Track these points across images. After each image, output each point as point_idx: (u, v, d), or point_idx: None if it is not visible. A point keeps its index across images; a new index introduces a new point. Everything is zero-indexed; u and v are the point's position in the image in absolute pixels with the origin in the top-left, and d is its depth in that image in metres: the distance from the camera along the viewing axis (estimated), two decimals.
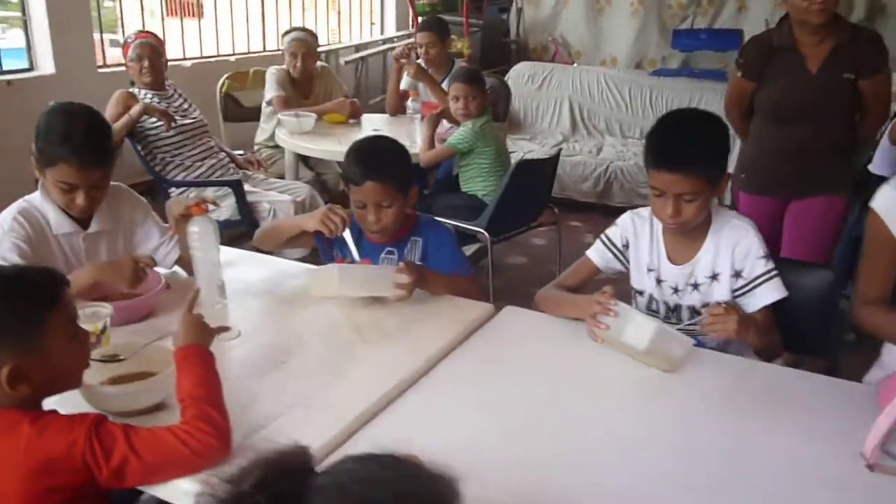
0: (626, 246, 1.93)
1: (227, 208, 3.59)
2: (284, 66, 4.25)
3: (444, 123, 3.78)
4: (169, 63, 3.82)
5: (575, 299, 1.84)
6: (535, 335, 1.82)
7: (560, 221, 4.00)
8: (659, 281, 1.88)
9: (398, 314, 1.85)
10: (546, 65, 6.32)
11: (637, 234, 1.91)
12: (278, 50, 5.50)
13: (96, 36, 4.15)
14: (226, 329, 1.55)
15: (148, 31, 3.87)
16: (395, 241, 2.08)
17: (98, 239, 1.91)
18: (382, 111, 4.75)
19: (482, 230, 3.47)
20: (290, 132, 3.86)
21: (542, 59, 6.86)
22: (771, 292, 1.77)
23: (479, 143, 3.56)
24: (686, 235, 1.82)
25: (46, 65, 3.95)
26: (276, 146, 4.24)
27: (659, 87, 5.94)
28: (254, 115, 4.57)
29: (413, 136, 3.72)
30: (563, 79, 6.16)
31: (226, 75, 4.53)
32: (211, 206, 1.87)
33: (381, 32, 6.59)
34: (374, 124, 4.22)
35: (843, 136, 2.73)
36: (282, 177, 4.08)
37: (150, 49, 3.68)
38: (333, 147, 3.75)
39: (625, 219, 1.95)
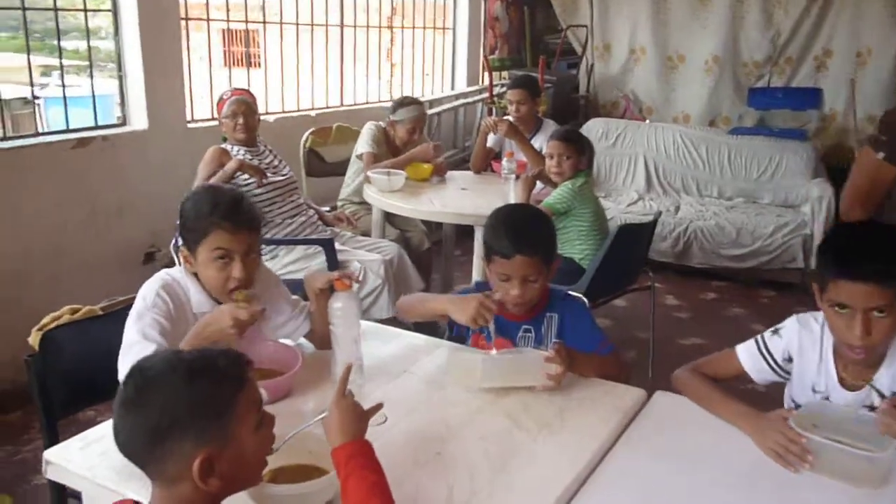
0: (789, 360, 1.76)
1: (316, 267, 3.53)
2: (383, 125, 4.23)
3: (538, 184, 3.71)
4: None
5: (739, 409, 1.67)
6: (697, 423, 1.70)
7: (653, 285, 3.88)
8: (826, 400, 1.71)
9: (551, 401, 1.75)
10: (619, 121, 6.26)
11: (802, 349, 1.74)
12: (355, 104, 5.57)
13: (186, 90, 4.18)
14: (378, 408, 1.45)
15: (243, 89, 3.88)
16: (532, 318, 1.99)
17: None
18: (455, 168, 4.70)
19: (581, 296, 3.35)
20: (379, 190, 3.82)
21: (612, 115, 6.81)
22: None
23: (578, 203, 3.48)
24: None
25: (139, 120, 3.97)
26: (361, 202, 4.20)
27: (736, 145, 5.83)
28: (336, 170, 4.56)
29: (507, 197, 3.64)
30: (637, 136, 6.09)
31: (309, 131, 4.52)
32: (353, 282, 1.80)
33: (452, 88, 6.59)
34: (461, 182, 4.16)
35: None
36: (367, 234, 4.03)
37: (246, 106, 3.69)
38: (425, 207, 3.70)
39: (791, 330, 1.76)
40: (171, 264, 1.93)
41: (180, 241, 1.84)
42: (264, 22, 4.92)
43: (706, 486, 1.48)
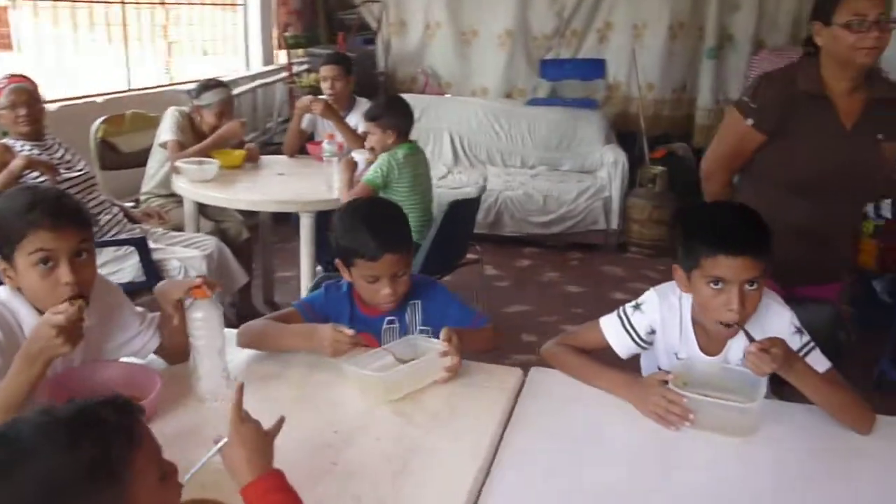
0: (652, 332, 1.82)
1: (129, 269, 3.24)
2: (186, 110, 3.90)
3: (361, 163, 3.61)
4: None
5: (616, 378, 1.72)
6: (578, 397, 1.73)
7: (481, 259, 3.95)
8: None
9: (437, 391, 1.70)
10: (422, 97, 6.29)
11: (664, 321, 1.80)
12: (143, 89, 5.13)
13: None
14: (281, 424, 1.32)
15: (21, 75, 3.42)
16: (394, 309, 1.93)
17: None
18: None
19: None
20: (191, 180, 3.55)
21: (412, 90, 6.81)
22: (815, 366, 1.64)
23: (396, 176, 3.41)
24: None
25: None
26: (170, 194, 3.89)
27: (534, 116, 6.08)
28: (133, 161, 4.18)
29: (329, 180, 3.52)
30: (441, 110, 6.16)
31: (100, 119, 4.11)
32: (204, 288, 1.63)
33: (247, 68, 6.27)
34: (276, 168, 3.97)
35: (859, 213, 2.39)
36: (179, 228, 3.74)
37: (27, 95, 3.26)
38: (244, 195, 3.50)
39: (651, 304, 1.81)
40: None
41: None
42: None
43: (602, 458, 1.51)
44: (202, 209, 3.78)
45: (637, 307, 1.82)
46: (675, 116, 6.54)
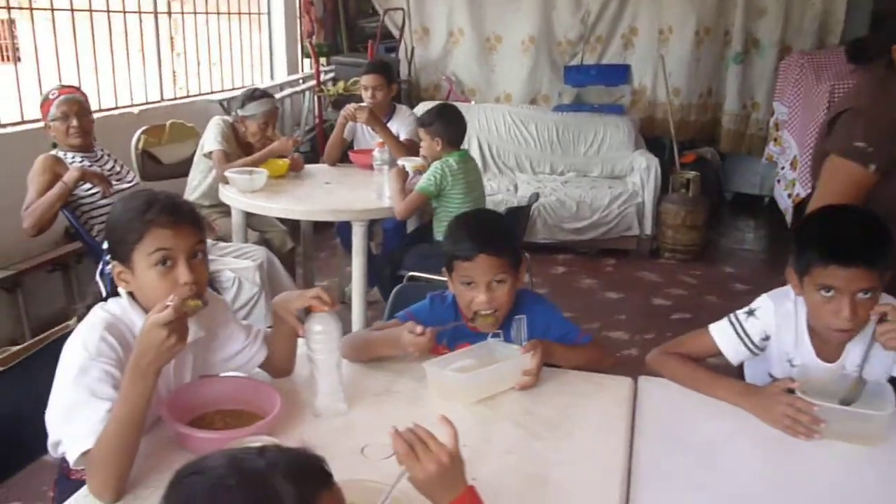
0: (766, 339, 1.77)
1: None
2: (230, 119, 3.87)
3: (409, 172, 3.58)
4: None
5: (734, 387, 1.70)
6: (694, 408, 1.70)
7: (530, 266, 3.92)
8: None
9: (549, 401, 1.67)
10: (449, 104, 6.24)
11: (780, 328, 1.75)
12: (176, 99, 5.10)
13: None
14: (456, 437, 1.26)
15: (71, 86, 3.41)
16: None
17: (186, 351, 1.56)
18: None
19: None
20: (240, 191, 3.51)
21: (435, 97, 6.79)
22: None
23: (449, 183, 3.39)
24: None
25: None
26: (213, 205, 3.85)
27: (563, 122, 6.05)
28: (174, 171, 4.16)
29: (380, 188, 3.49)
30: (468, 117, 6.02)
31: (140, 130, 4.08)
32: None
33: (272, 77, 6.25)
34: (321, 177, 3.93)
35: None
36: (223, 239, 3.71)
37: (78, 106, 3.26)
38: (296, 206, 3.47)
39: (766, 311, 1.76)
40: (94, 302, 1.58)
41: (108, 267, 1.54)
42: (31, 8, 4.21)
43: (733, 470, 1.49)
44: (248, 220, 3.74)
45: (750, 313, 1.79)
46: (701, 121, 6.52)
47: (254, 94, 3.85)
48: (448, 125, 3.46)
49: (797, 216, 5.28)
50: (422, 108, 6.01)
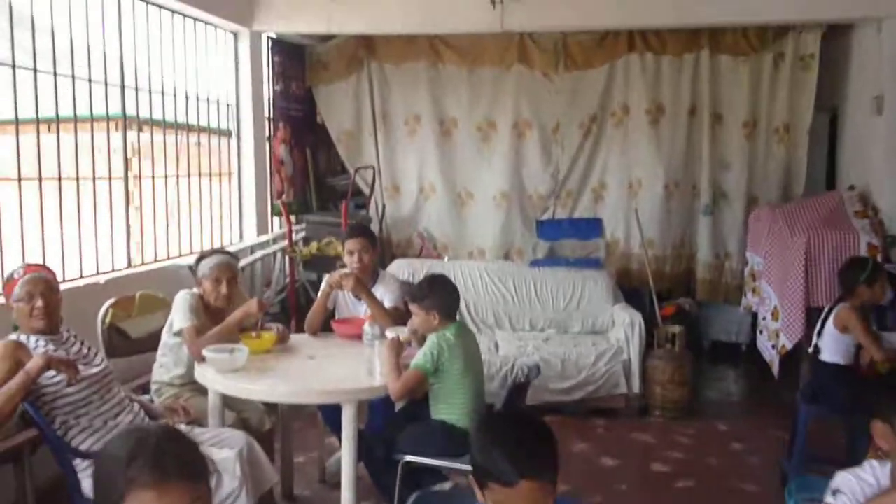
0: None
1: None
2: (198, 292, 3.64)
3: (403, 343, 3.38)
4: None
5: None
6: None
7: None
8: None
9: None
10: (423, 261, 6.17)
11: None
12: (144, 264, 4.90)
13: None
14: None
15: (38, 264, 3.18)
16: None
17: None
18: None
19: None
20: (219, 371, 3.25)
21: (408, 254, 6.73)
22: None
23: (447, 358, 3.18)
24: None
25: None
26: (186, 383, 3.57)
27: (540, 277, 5.97)
28: (143, 347, 3.89)
29: (370, 363, 3.27)
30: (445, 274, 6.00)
31: (108, 303, 3.83)
32: None
33: (241, 238, 6.09)
34: (303, 350, 3.69)
35: None
36: (195, 422, 3.40)
37: (45, 285, 3.01)
38: (282, 387, 3.21)
39: (850, 486, 1.69)
40: None
41: None
42: None
43: None
44: (223, 398, 3.45)
45: (838, 494, 1.61)
46: (676, 272, 6.54)
47: (204, 254, 3.69)
48: (443, 297, 3.30)
49: (783, 367, 5.20)
50: (395, 266, 5.92)
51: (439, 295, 3.30)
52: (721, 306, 6.59)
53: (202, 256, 3.72)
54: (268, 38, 6.32)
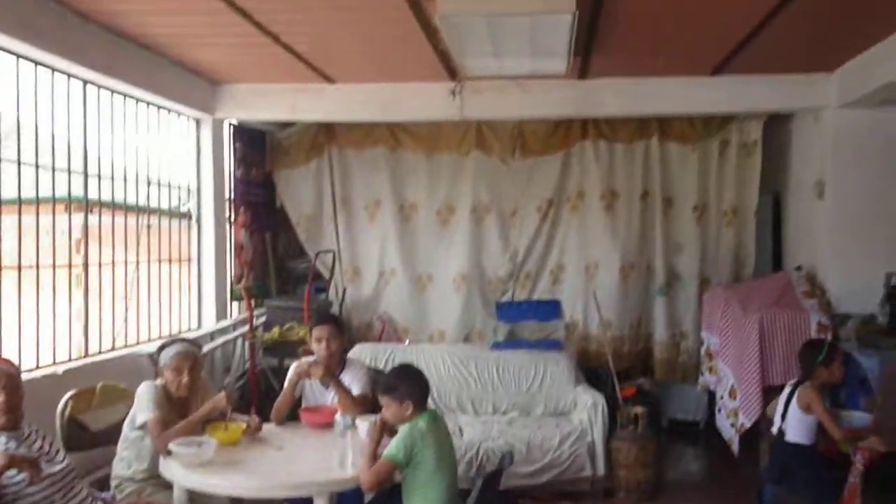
0: None
1: None
2: (160, 382, 3.58)
3: (362, 432, 3.34)
4: None
5: None
6: None
7: None
8: None
9: None
10: (385, 346, 6.15)
11: None
12: (102, 352, 4.79)
13: None
14: None
15: (1, 358, 3.10)
16: None
17: None
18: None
19: None
20: (185, 466, 3.17)
21: (368, 337, 6.70)
22: None
23: (417, 447, 3.15)
24: None
25: None
26: (148, 478, 3.46)
27: (502, 360, 5.97)
28: (103, 440, 3.77)
29: (343, 454, 3.23)
30: (406, 358, 5.95)
31: (68, 395, 3.72)
32: None
33: (199, 325, 6.01)
34: (271, 440, 3.62)
35: None
36: None
37: (7, 379, 2.94)
38: (250, 481, 3.13)
39: None
40: None
41: None
42: None
43: None
44: (189, 493, 3.35)
45: None
46: (634, 351, 6.63)
47: (165, 343, 3.65)
48: (415, 386, 3.29)
49: (742, 444, 5.28)
50: (357, 350, 5.89)
51: (411, 384, 3.29)
52: (678, 385, 6.68)
53: (163, 346, 3.68)
54: (230, 124, 6.39)
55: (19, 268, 4.19)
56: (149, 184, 5.50)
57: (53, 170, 4.46)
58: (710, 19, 4.33)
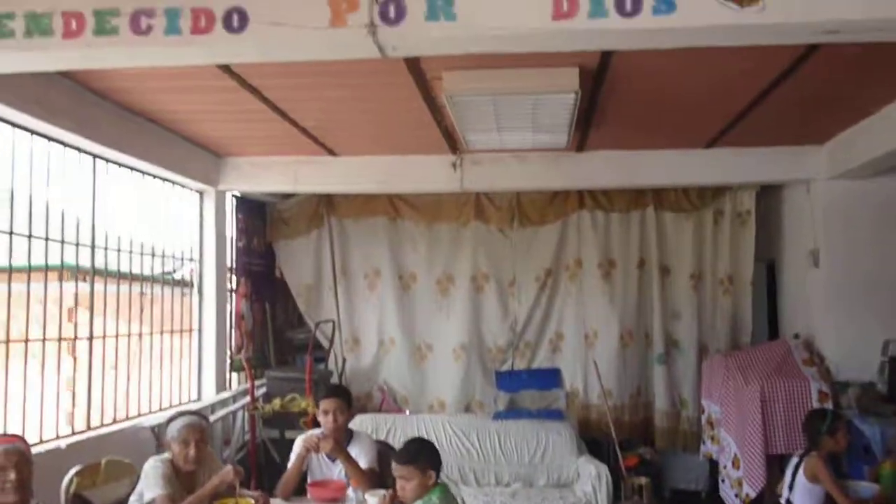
0: None
1: None
2: (167, 457, 3.56)
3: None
4: None
5: None
6: None
7: None
8: None
9: None
10: (386, 416, 6.13)
11: None
12: (103, 426, 4.75)
13: None
14: None
15: (13, 434, 3.09)
16: None
17: None
18: None
19: None
20: None
21: (367, 407, 6.67)
22: None
23: None
24: None
25: None
26: None
27: (504, 430, 5.97)
28: None
29: None
30: (407, 430, 5.95)
31: (73, 472, 3.68)
32: None
33: (199, 397, 5.96)
34: None
35: None
36: None
37: (19, 457, 2.93)
38: None
39: None
40: None
41: None
42: None
43: None
44: None
45: None
46: (635, 420, 6.60)
47: (173, 416, 3.64)
48: (433, 455, 3.28)
49: None
50: (358, 421, 5.86)
51: (429, 453, 3.29)
52: (679, 454, 6.64)
53: (170, 418, 3.67)
54: (232, 195, 6.48)
55: (26, 341, 4.18)
56: (153, 255, 5.53)
57: (63, 242, 4.50)
58: (707, 98, 4.49)
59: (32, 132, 4.17)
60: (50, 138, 4.30)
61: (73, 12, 2.87)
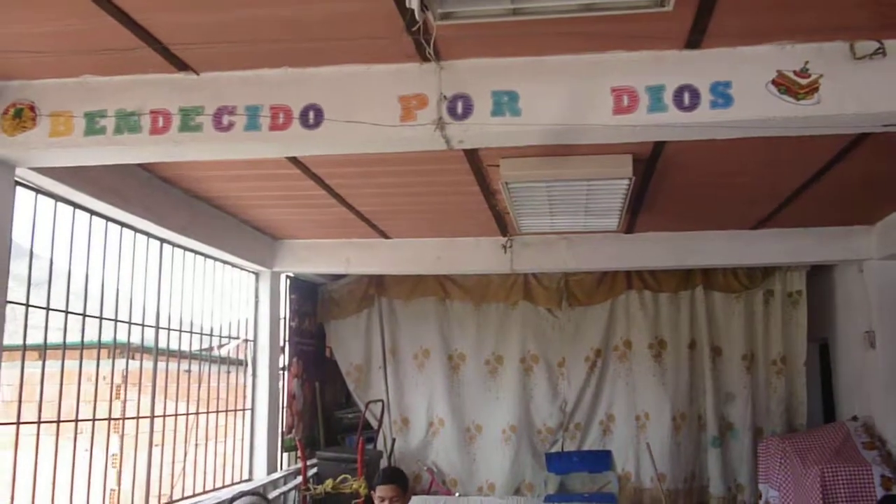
0: None
1: None
2: None
3: None
4: None
5: None
6: None
7: None
8: None
9: None
10: (436, 498, 6.08)
11: None
12: None
13: None
14: None
15: None
16: None
17: None
18: None
19: None
20: None
21: (416, 489, 6.62)
22: None
23: None
24: None
25: None
26: None
27: None
28: None
29: None
30: None
31: None
32: None
33: (250, 476, 5.98)
34: None
35: None
36: None
37: None
38: None
39: None
40: None
41: None
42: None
43: None
44: None
45: None
46: None
47: (235, 496, 3.68)
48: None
49: None
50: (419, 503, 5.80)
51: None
52: None
53: (233, 499, 3.72)
54: (286, 276, 6.64)
55: (76, 420, 4.27)
56: (211, 335, 5.66)
57: (117, 321, 4.65)
58: (757, 182, 4.56)
59: (108, 219, 4.38)
60: (123, 224, 4.51)
61: (160, 110, 3.08)
